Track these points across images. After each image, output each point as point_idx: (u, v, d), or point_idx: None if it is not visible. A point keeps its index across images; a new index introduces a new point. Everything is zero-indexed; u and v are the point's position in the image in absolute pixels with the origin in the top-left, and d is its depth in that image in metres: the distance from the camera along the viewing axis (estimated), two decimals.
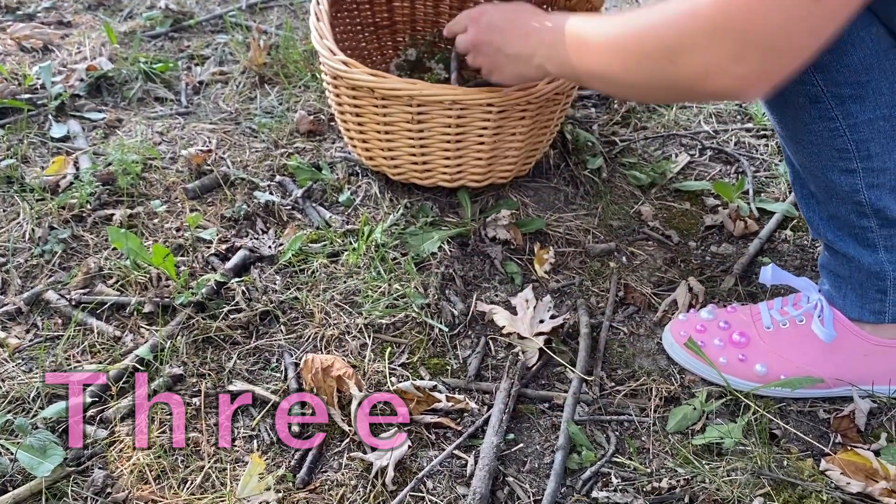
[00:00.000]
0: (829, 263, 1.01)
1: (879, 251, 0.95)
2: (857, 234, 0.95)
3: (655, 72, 0.75)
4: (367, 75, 1.13)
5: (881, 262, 0.95)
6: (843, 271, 0.98)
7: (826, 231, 0.99)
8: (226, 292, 1.12)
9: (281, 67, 1.64)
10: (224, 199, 1.30)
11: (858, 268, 0.96)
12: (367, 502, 0.88)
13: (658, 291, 1.18)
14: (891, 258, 0.95)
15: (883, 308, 0.97)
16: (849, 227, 0.96)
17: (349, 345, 1.06)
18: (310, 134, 1.46)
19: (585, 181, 1.37)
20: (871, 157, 0.90)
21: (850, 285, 0.98)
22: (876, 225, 0.94)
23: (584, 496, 0.90)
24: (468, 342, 1.09)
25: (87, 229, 1.23)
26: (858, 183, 0.92)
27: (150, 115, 1.52)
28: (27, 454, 0.88)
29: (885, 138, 0.89)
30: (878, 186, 0.91)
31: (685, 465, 0.93)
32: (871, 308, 0.97)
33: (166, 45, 1.77)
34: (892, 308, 0.97)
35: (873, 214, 0.93)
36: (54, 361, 1.02)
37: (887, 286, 0.96)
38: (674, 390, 1.02)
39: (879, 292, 0.96)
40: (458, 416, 0.98)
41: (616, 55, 0.80)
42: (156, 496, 0.86)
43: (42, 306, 1.11)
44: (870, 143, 0.89)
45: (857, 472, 0.90)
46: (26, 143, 1.40)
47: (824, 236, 0.99)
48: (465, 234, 1.23)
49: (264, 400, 0.98)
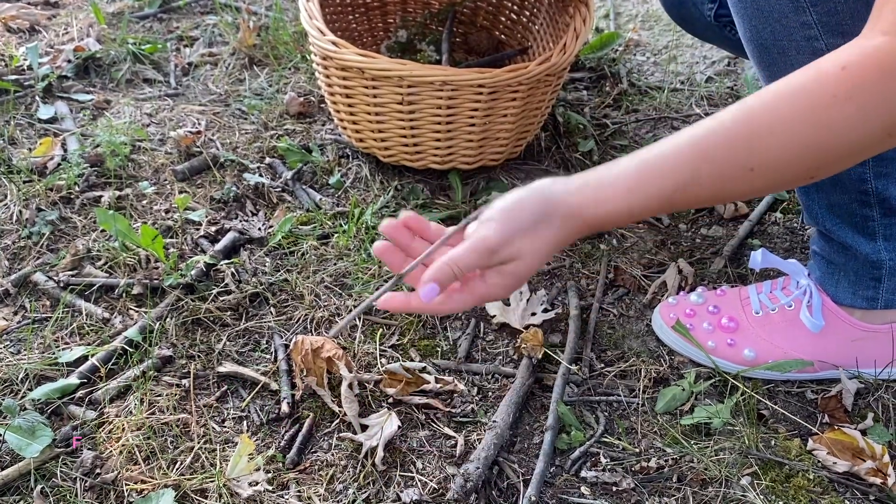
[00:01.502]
0: (824, 250, 1.01)
1: (878, 240, 0.95)
2: (858, 222, 0.95)
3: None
4: (357, 56, 1.12)
5: (879, 251, 0.95)
6: (839, 259, 0.98)
7: (825, 219, 0.99)
8: (215, 274, 1.12)
9: (271, 49, 1.63)
10: (213, 181, 1.29)
11: (855, 256, 0.97)
12: (357, 482, 0.88)
13: (648, 273, 1.18)
14: (888, 246, 0.95)
15: (876, 295, 0.97)
16: (849, 216, 0.96)
17: None
18: (300, 116, 1.45)
19: (577, 163, 1.37)
20: None
21: (843, 272, 0.98)
22: (879, 214, 0.94)
23: (574, 476, 0.90)
24: (458, 324, 1.09)
25: (76, 211, 1.23)
26: (867, 172, 0.91)
27: (138, 96, 1.51)
28: (15, 435, 0.88)
29: None
30: (886, 175, 0.91)
31: (673, 445, 0.93)
32: (865, 294, 0.98)
33: (155, 27, 1.75)
34: (885, 295, 0.97)
35: (878, 203, 0.93)
36: (42, 343, 1.02)
37: (882, 274, 0.96)
38: (663, 371, 1.03)
39: (874, 280, 0.97)
40: (448, 397, 0.99)
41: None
42: (145, 476, 0.86)
43: (30, 288, 1.10)
44: None
45: (843, 451, 0.91)
46: (13, 125, 1.39)
47: (822, 224, 0.99)
48: (456, 217, 1.23)
49: (254, 381, 0.98)
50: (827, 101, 0.63)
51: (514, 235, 0.69)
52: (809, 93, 0.65)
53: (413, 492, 0.87)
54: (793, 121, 0.65)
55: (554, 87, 1.27)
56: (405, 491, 0.87)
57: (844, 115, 0.63)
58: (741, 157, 0.67)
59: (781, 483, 0.89)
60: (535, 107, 1.25)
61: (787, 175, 0.68)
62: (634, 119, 1.51)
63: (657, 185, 0.68)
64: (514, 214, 0.70)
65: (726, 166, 0.67)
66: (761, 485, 0.89)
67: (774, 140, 0.66)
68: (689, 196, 0.69)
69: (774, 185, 0.70)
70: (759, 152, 0.66)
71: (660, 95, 1.58)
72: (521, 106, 1.21)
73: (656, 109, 1.55)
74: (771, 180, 0.68)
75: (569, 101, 1.53)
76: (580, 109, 1.50)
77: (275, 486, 0.87)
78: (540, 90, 1.23)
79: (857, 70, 0.63)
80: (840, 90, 0.63)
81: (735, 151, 0.67)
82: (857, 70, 0.63)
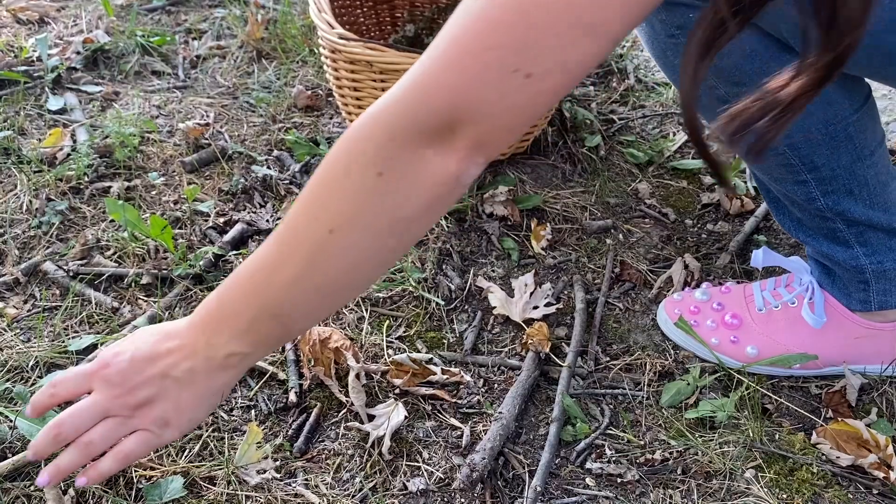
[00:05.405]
0: (813, 255, 1.02)
1: (854, 247, 0.95)
2: (828, 233, 0.96)
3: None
4: (366, 49, 1.13)
5: (857, 257, 0.95)
6: (828, 263, 0.99)
7: (798, 232, 1.00)
8: (223, 265, 1.13)
9: (279, 42, 1.63)
10: (222, 173, 1.30)
11: (837, 263, 0.97)
12: (364, 471, 0.88)
13: (654, 268, 1.19)
14: (866, 251, 0.95)
15: (868, 297, 0.98)
16: (818, 229, 0.97)
17: (346, 318, 1.06)
18: (308, 109, 1.46)
19: (583, 158, 1.37)
20: (818, 167, 0.90)
21: (834, 276, 0.99)
22: (843, 225, 0.94)
23: (579, 467, 0.91)
24: (465, 316, 1.10)
25: (85, 201, 1.23)
26: (813, 192, 0.92)
27: (147, 88, 1.52)
28: (26, 422, 0.89)
29: (825, 148, 0.89)
30: (832, 192, 0.92)
31: (678, 438, 0.94)
32: (858, 297, 0.98)
33: (163, 19, 1.76)
34: (876, 297, 0.97)
35: (836, 217, 0.94)
36: (52, 331, 1.03)
37: (868, 278, 0.96)
38: (668, 365, 1.03)
39: (862, 283, 0.97)
40: (454, 388, 0.99)
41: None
42: (154, 464, 0.87)
43: (40, 277, 1.11)
44: (813, 155, 0.90)
45: (848, 442, 0.91)
46: (23, 115, 1.40)
47: (797, 237, 1.00)
48: (463, 210, 1.23)
49: (262, 371, 0.99)
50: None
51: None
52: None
53: (419, 481, 0.88)
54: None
55: None
56: (411, 480, 0.88)
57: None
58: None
59: (785, 476, 0.89)
60: None
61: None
62: (641, 115, 1.51)
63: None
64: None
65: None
66: (765, 478, 0.89)
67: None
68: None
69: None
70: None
71: (666, 91, 1.58)
72: None
73: (663, 105, 1.55)
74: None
75: (576, 96, 1.53)
76: (587, 105, 1.51)
77: (282, 475, 0.88)
78: None
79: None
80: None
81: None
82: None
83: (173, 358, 0.71)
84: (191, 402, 0.72)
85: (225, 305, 0.71)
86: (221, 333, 0.70)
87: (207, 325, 0.71)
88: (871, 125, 0.91)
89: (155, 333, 0.74)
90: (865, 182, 0.91)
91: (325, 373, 0.97)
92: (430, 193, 0.63)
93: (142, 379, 0.71)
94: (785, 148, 0.89)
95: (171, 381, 0.71)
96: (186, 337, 0.72)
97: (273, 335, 0.71)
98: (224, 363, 0.71)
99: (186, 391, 0.72)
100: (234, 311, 0.70)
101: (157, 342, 0.73)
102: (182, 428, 0.74)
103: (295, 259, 0.66)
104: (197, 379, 0.71)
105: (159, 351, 0.72)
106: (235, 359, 0.71)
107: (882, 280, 0.96)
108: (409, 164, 0.62)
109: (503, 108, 0.59)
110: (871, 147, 0.91)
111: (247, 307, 0.69)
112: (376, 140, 0.62)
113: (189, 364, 0.71)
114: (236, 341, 0.70)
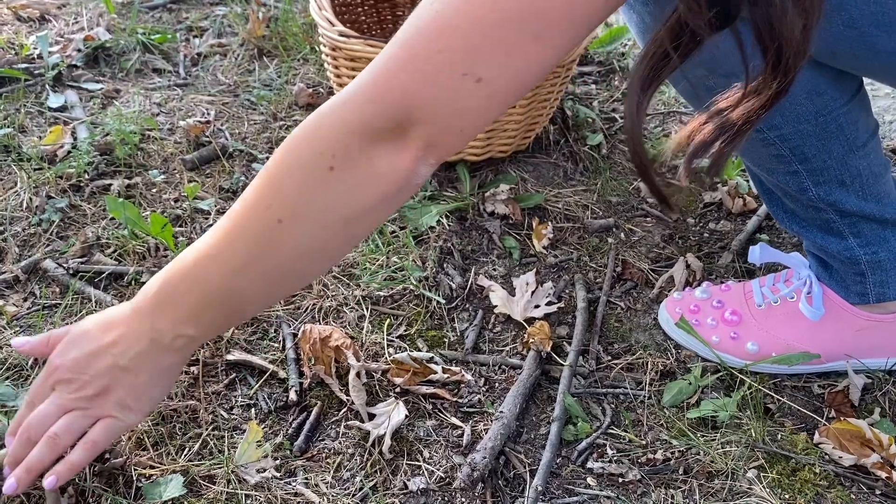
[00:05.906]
0: (809, 248, 1.01)
1: (848, 238, 0.95)
2: (821, 225, 0.96)
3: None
4: (366, 46, 1.13)
5: (851, 248, 0.95)
6: (824, 256, 0.99)
7: (792, 224, 0.99)
8: None
9: (280, 40, 1.63)
10: (222, 171, 1.30)
11: (832, 255, 0.97)
12: (364, 470, 0.88)
13: (656, 267, 1.18)
14: (860, 242, 0.95)
15: (865, 290, 0.97)
16: (811, 220, 0.96)
17: (347, 316, 1.06)
18: (308, 107, 1.46)
19: (585, 157, 1.37)
20: (809, 158, 0.90)
21: (831, 269, 0.99)
22: (836, 216, 0.94)
23: (580, 467, 0.91)
24: (465, 315, 1.09)
25: (85, 199, 1.23)
26: (805, 182, 0.92)
27: (147, 86, 1.51)
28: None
29: (816, 139, 0.89)
30: (824, 183, 0.92)
31: (680, 438, 0.94)
32: (855, 290, 0.98)
33: (164, 17, 1.75)
34: (874, 288, 0.97)
35: (829, 207, 0.93)
36: (52, 329, 1.02)
37: (863, 269, 0.96)
38: (669, 365, 1.03)
39: (858, 275, 0.97)
40: (455, 387, 0.99)
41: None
42: (154, 462, 0.87)
43: (40, 275, 1.11)
44: (804, 146, 0.89)
45: (851, 441, 0.91)
46: (23, 113, 1.39)
47: (791, 229, 1.00)
48: (464, 209, 1.23)
49: (262, 369, 0.99)
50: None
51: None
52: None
53: (420, 480, 0.87)
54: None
55: (562, 79, 1.27)
56: (412, 479, 0.87)
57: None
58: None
59: (788, 476, 0.89)
60: (543, 98, 1.25)
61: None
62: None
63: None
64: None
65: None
66: (767, 478, 0.89)
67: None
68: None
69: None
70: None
71: (668, 90, 1.57)
72: (530, 98, 1.21)
73: (665, 104, 1.55)
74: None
75: (577, 94, 1.53)
76: (589, 103, 1.50)
77: (282, 473, 0.88)
78: (548, 82, 1.23)
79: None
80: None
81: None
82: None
83: (119, 347, 0.74)
84: (146, 385, 0.75)
85: (168, 290, 0.72)
86: (165, 318, 0.72)
87: (153, 310, 0.73)
88: (862, 116, 0.90)
89: (98, 323, 0.76)
90: (858, 173, 0.91)
91: (325, 371, 0.97)
92: (379, 191, 0.64)
93: (92, 373, 0.74)
94: (775, 139, 0.89)
95: (121, 370, 0.74)
96: (131, 323, 0.74)
97: (217, 320, 0.74)
98: (171, 345, 0.74)
99: (139, 376, 0.74)
100: (178, 296, 0.72)
101: (100, 333, 0.75)
102: (144, 410, 0.78)
103: (241, 246, 0.68)
104: (146, 363, 0.74)
105: (103, 343, 0.74)
106: (182, 341, 0.74)
107: (878, 271, 0.96)
108: (361, 160, 0.63)
109: (454, 111, 0.60)
110: (864, 138, 0.90)
111: (189, 293, 0.71)
112: (330, 135, 0.63)
113: (136, 349, 0.74)
114: (182, 325, 0.73)
